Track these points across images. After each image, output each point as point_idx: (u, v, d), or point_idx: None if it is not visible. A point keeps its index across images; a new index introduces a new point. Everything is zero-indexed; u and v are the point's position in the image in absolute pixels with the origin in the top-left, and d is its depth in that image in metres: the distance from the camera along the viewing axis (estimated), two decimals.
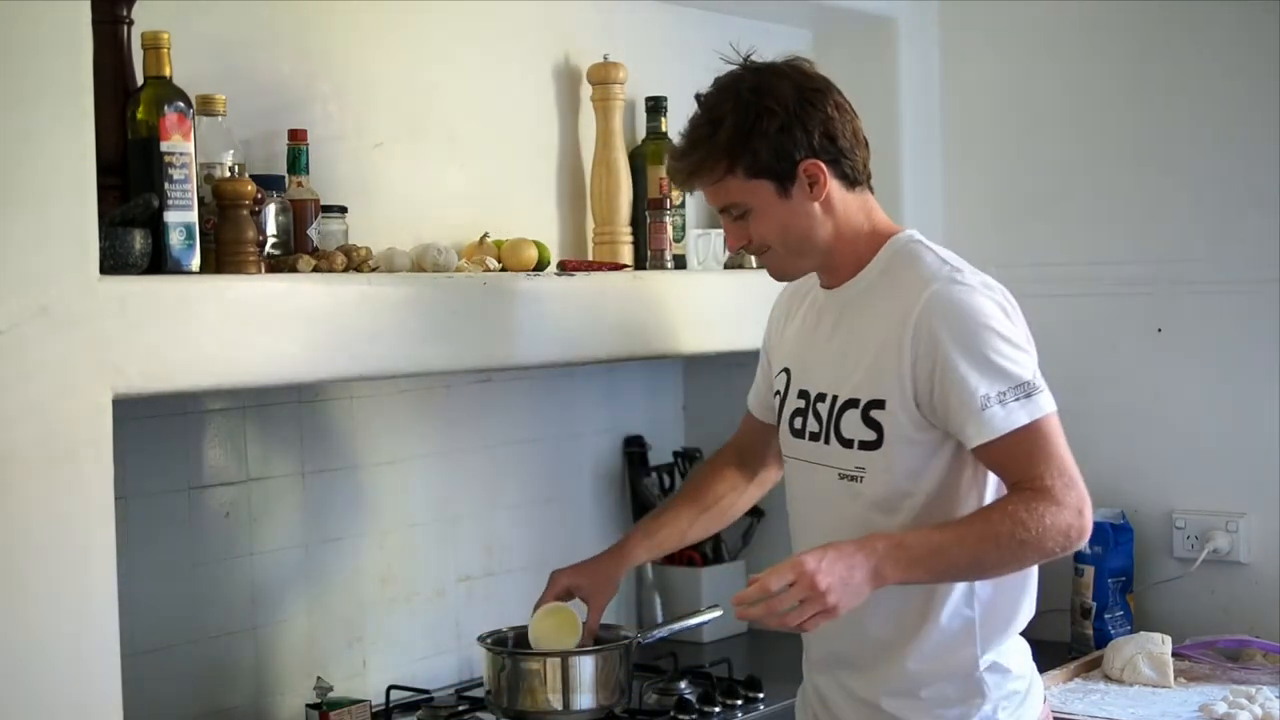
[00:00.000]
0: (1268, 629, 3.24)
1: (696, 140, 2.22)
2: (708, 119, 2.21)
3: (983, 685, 2.22)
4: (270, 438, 2.69)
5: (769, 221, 2.22)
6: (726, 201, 2.24)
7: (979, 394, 2.10)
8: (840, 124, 2.22)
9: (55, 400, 1.90)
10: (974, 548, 2.10)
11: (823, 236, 2.23)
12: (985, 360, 2.11)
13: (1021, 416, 2.11)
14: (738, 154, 2.18)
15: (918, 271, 2.20)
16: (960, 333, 2.12)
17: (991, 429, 2.10)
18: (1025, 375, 2.13)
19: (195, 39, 2.33)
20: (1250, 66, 3.28)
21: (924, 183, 3.62)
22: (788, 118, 2.17)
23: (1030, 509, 2.08)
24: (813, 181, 2.20)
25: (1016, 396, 2.11)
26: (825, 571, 2.00)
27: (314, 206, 2.43)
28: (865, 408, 2.18)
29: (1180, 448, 3.39)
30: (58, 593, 1.90)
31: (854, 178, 2.25)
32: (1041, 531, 2.07)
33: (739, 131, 2.18)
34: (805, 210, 2.21)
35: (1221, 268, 3.33)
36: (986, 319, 2.14)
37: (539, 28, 2.96)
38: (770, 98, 2.18)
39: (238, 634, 2.64)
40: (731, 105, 2.19)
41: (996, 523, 2.09)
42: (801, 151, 2.18)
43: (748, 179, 2.19)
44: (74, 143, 1.92)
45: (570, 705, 2.59)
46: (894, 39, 3.55)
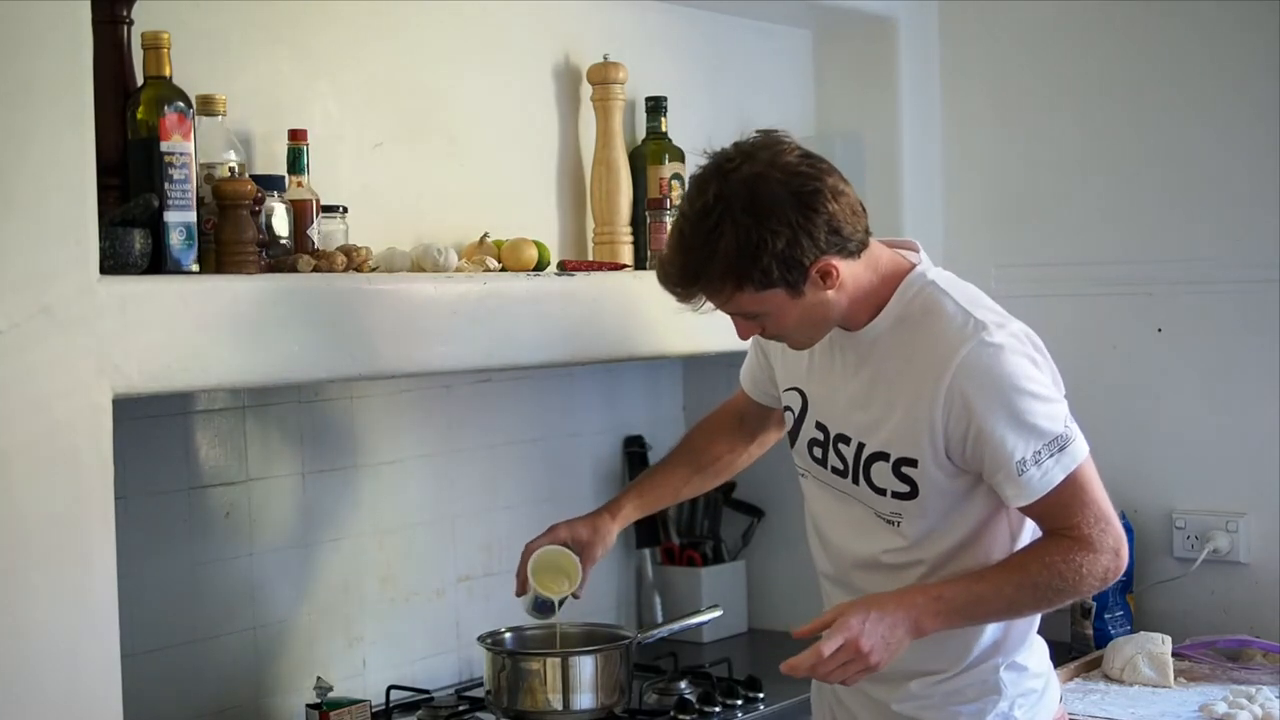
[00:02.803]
0: (1268, 629, 3.24)
1: (695, 268, 2.08)
2: (704, 242, 2.06)
3: (1000, 683, 2.23)
4: (270, 438, 2.69)
5: (782, 319, 2.15)
6: (735, 310, 2.15)
7: (1014, 459, 2.10)
8: (842, 214, 2.09)
9: (55, 400, 1.90)
10: (1011, 597, 2.13)
11: (837, 312, 2.17)
12: (1020, 422, 2.10)
13: (1057, 474, 2.11)
14: (745, 275, 2.06)
15: (942, 327, 2.15)
16: (993, 399, 2.10)
17: (1030, 491, 2.11)
18: (1057, 429, 2.12)
19: (195, 39, 2.33)
20: (1250, 66, 3.29)
21: (924, 183, 3.62)
22: (792, 233, 2.05)
23: (1068, 559, 2.11)
24: (825, 276, 2.10)
25: (1051, 453, 2.11)
26: (869, 634, 2.04)
27: (314, 206, 2.43)
28: (896, 463, 2.16)
29: (1180, 448, 3.39)
30: (58, 593, 1.90)
31: (859, 250, 2.14)
32: (1078, 579, 2.12)
33: (743, 254, 2.04)
34: (819, 300, 2.13)
35: (1221, 268, 3.33)
36: (1019, 380, 2.12)
37: (539, 28, 2.96)
38: (770, 219, 2.04)
39: (238, 634, 2.64)
40: (729, 228, 2.04)
41: (1035, 573, 2.12)
42: (810, 256, 2.07)
43: (758, 292, 2.09)
44: (74, 143, 1.92)
45: (570, 705, 2.60)
46: (894, 39, 3.55)
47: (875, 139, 3.56)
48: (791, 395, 2.33)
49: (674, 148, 3.09)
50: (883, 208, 3.55)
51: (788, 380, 2.35)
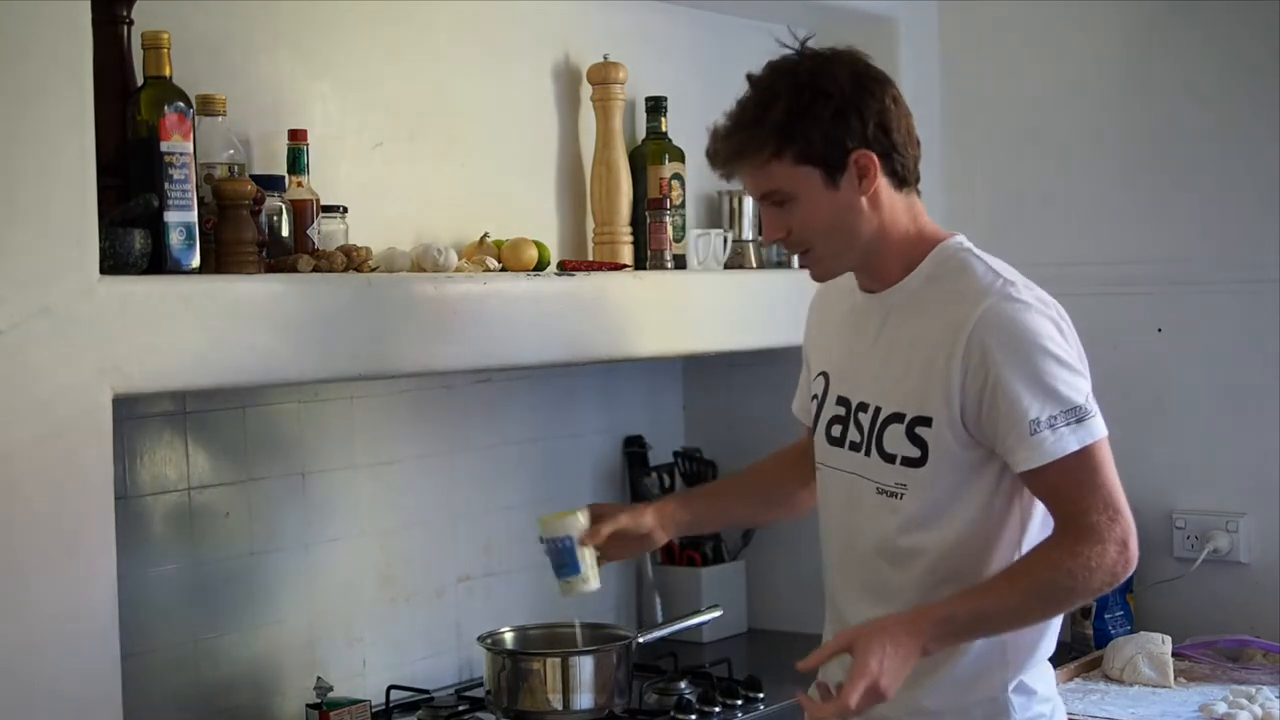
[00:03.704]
0: (1268, 629, 3.24)
1: (745, 120, 2.11)
2: (759, 99, 2.10)
3: (1009, 706, 2.16)
4: (270, 438, 2.69)
5: (812, 212, 2.11)
6: (769, 187, 2.12)
7: (1029, 417, 2.04)
8: (896, 118, 2.12)
9: (55, 400, 1.90)
10: (1020, 606, 2.08)
11: (866, 233, 2.13)
12: (1038, 382, 2.05)
13: (1071, 442, 2.06)
14: (788, 136, 2.07)
15: (969, 283, 2.12)
16: (1014, 352, 2.06)
17: (1041, 454, 2.05)
18: (1078, 399, 2.07)
19: (195, 39, 2.33)
20: (1250, 66, 3.29)
21: (924, 183, 3.60)
22: (843, 103, 2.07)
23: (1075, 555, 2.05)
24: (863, 174, 2.09)
25: (1068, 421, 2.06)
26: (886, 673, 1.99)
27: (314, 206, 2.43)
28: (910, 424, 2.11)
29: (1180, 448, 3.39)
30: (58, 593, 1.90)
31: (904, 176, 2.15)
32: (1087, 576, 2.05)
33: (791, 113, 2.07)
34: (851, 203, 2.11)
35: (1221, 268, 3.33)
36: (1041, 339, 2.07)
37: (539, 28, 2.96)
38: (828, 80, 2.08)
39: (238, 634, 2.64)
40: (786, 86, 2.09)
41: (1040, 575, 2.06)
42: (854, 140, 2.08)
43: (795, 164, 2.08)
44: (74, 143, 1.92)
45: (570, 705, 2.60)
46: (894, 39, 3.54)
47: None
48: (818, 382, 2.29)
49: (674, 148, 3.09)
50: None
51: (816, 367, 2.31)
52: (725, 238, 3.14)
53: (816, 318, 2.38)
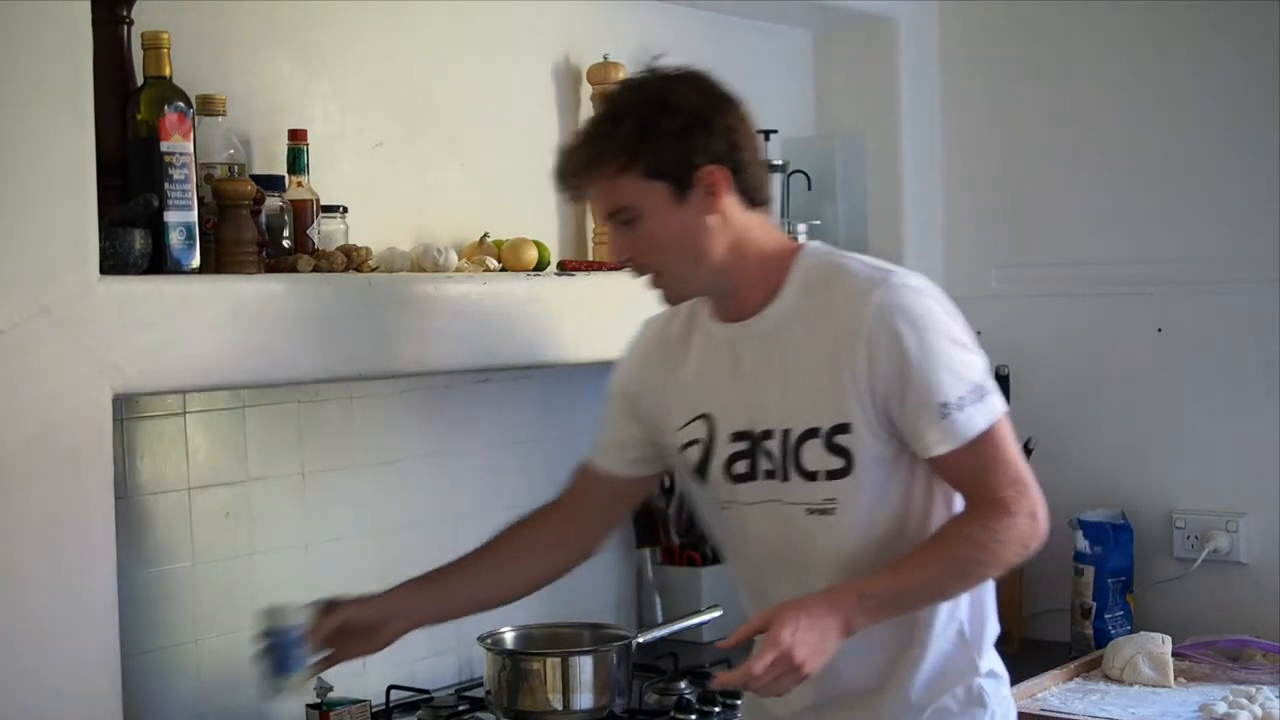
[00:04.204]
0: (1268, 629, 3.23)
1: (594, 135, 2.09)
2: (608, 114, 2.10)
3: (983, 693, 2.18)
4: (270, 438, 2.69)
5: (661, 230, 2.07)
6: (617, 204, 2.08)
7: (938, 400, 2.03)
8: (745, 136, 2.11)
9: (55, 400, 1.90)
10: (937, 578, 2.07)
11: (717, 252, 2.09)
12: (943, 365, 2.04)
13: (979, 422, 2.05)
14: (637, 151, 2.04)
15: (849, 283, 2.09)
16: (915, 339, 2.04)
17: (953, 437, 2.04)
18: (978, 377, 2.07)
19: (195, 39, 2.33)
20: (1250, 67, 3.29)
21: (924, 183, 3.62)
22: (692, 119, 2.05)
23: (986, 528, 2.04)
24: (711, 190, 2.06)
25: (973, 400, 2.05)
26: (800, 643, 1.96)
27: (314, 206, 2.43)
28: (829, 434, 2.07)
29: (1180, 448, 3.39)
30: (58, 593, 1.90)
31: (753, 195, 2.12)
32: (999, 548, 2.05)
33: (640, 127, 2.04)
34: (700, 221, 2.07)
35: (1221, 268, 3.33)
36: (937, 321, 2.06)
37: (539, 28, 2.96)
38: (677, 96, 2.07)
39: (238, 634, 2.63)
40: (635, 101, 2.08)
41: (957, 549, 2.06)
42: (702, 156, 2.05)
43: (644, 179, 2.05)
44: (74, 143, 1.92)
45: (570, 705, 2.60)
46: (894, 39, 3.55)
47: (875, 139, 3.56)
48: (695, 427, 2.18)
49: None
50: (883, 208, 3.56)
51: (687, 412, 2.19)
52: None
53: (656, 360, 2.25)
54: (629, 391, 2.29)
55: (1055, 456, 3.45)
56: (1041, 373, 3.52)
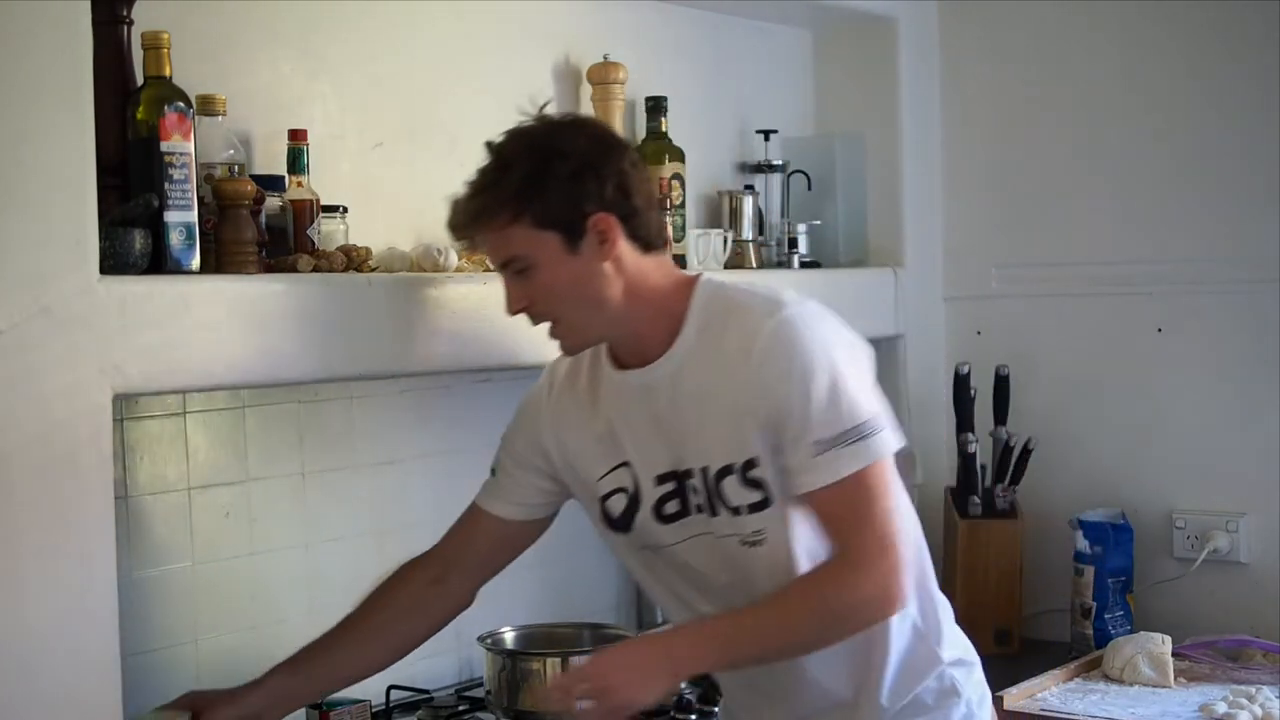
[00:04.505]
0: (1268, 629, 3.24)
1: (483, 185, 2.06)
2: (497, 164, 2.07)
3: (955, 683, 2.18)
4: (270, 438, 2.69)
5: (554, 279, 2.05)
6: (509, 254, 2.06)
7: (810, 438, 2.00)
8: (636, 181, 2.08)
9: (55, 400, 1.90)
10: (781, 628, 2.03)
11: (613, 299, 2.07)
12: (824, 400, 2.00)
13: (850, 464, 2.00)
14: (526, 200, 2.02)
15: (743, 316, 2.06)
16: (799, 370, 2.00)
17: (818, 475, 2.01)
18: (861, 416, 2.01)
19: (195, 39, 2.33)
20: (1250, 66, 3.29)
21: (924, 183, 3.62)
22: (581, 165, 2.03)
23: (832, 582, 2.02)
24: (603, 238, 2.04)
25: (849, 440, 1.99)
26: (614, 668, 1.97)
27: (314, 206, 2.43)
28: (742, 470, 2.06)
29: (1180, 448, 3.39)
30: (58, 593, 1.90)
31: (648, 239, 2.09)
32: (840, 606, 2.01)
33: (529, 176, 2.03)
34: (594, 269, 2.05)
35: (1221, 268, 3.33)
36: (825, 355, 2.02)
37: (539, 28, 2.96)
38: (565, 143, 2.05)
39: (238, 634, 2.64)
40: (523, 149, 2.06)
41: (798, 603, 2.03)
42: (593, 203, 2.03)
43: (535, 229, 2.03)
44: (74, 143, 1.92)
45: None
46: (894, 39, 3.55)
47: (875, 139, 3.56)
48: (617, 476, 2.17)
49: (674, 148, 3.08)
50: (883, 208, 3.56)
51: (606, 463, 2.18)
52: (725, 238, 3.14)
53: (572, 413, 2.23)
54: (537, 443, 2.26)
55: (1055, 456, 3.46)
56: (1041, 373, 3.52)
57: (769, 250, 3.35)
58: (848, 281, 3.43)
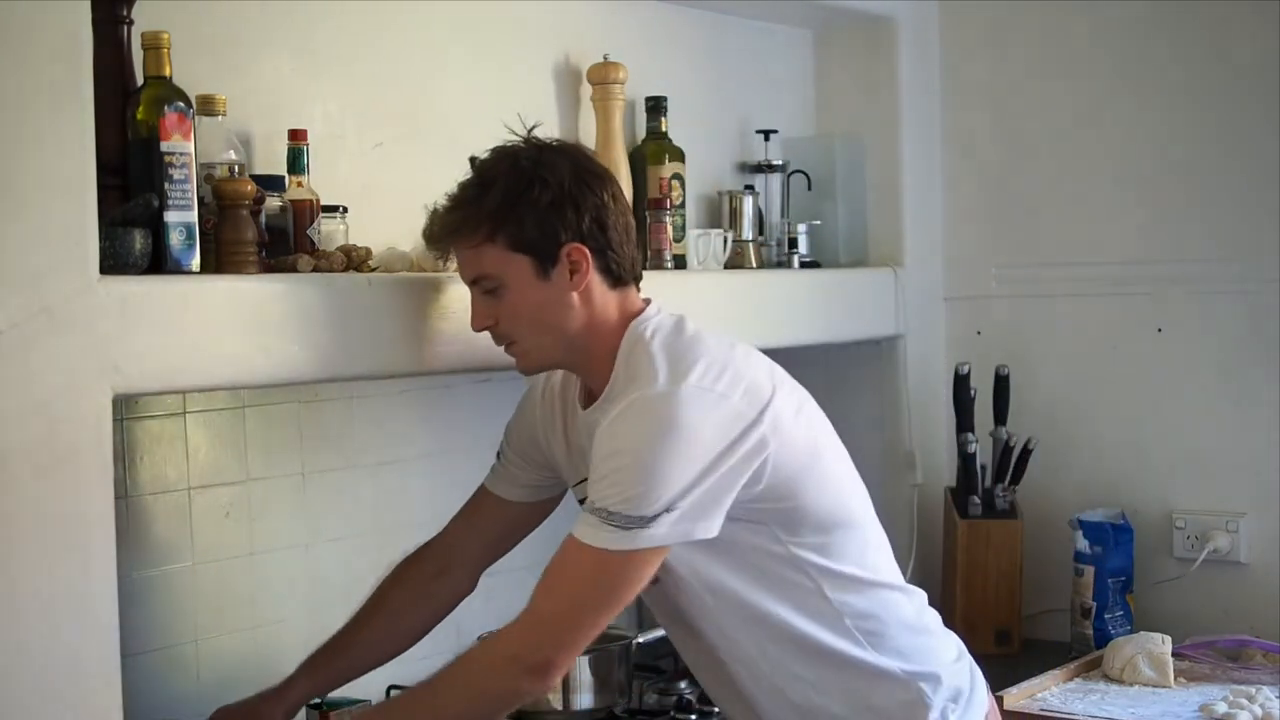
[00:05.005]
0: (1268, 629, 3.24)
1: (462, 200, 2.10)
2: (478, 181, 2.10)
3: (921, 694, 2.16)
4: (270, 438, 2.69)
5: (521, 302, 2.09)
6: (479, 272, 2.11)
7: (593, 493, 2.00)
8: (614, 215, 2.11)
9: (55, 400, 1.90)
10: (424, 705, 2.10)
11: (573, 329, 2.11)
12: (617, 474, 1.98)
13: (594, 537, 1.98)
14: (502, 221, 2.06)
15: (634, 380, 2.06)
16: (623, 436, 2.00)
17: (574, 525, 2.02)
18: (640, 510, 1.96)
19: (195, 39, 2.33)
20: (1250, 66, 3.29)
21: (924, 183, 3.62)
22: (561, 195, 2.06)
23: (488, 650, 2.11)
24: (574, 268, 2.08)
25: (614, 523, 1.97)
26: None
27: (314, 206, 2.43)
28: None
29: (1180, 448, 3.39)
30: (58, 593, 1.90)
31: (618, 275, 2.13)
32: (482, 677, 2.06)
33: (508, 198, 2.06)
34: (561, 298, 2.09)
35: (1221, 268, 3.34)
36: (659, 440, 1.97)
37: (539, 28, 2.96)
38: (548, 170, 2.07)
39: (238, 634, 2.64)
40: (505, 170, 2.09)
41: (442, 679, 2.10)
42: (568, 234, 2.07)
43: (508, 250, 2.07)
44: (74, 143, 1.92)
45: (570, 705, 2.60)
46: (894, 39, 3.55)
47: (875, 139, 3.56)
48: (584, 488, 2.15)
49: (674, 148, 3.09)
50: (883, 208, 3.56)
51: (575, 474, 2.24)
52: (725, 238, 3.14)
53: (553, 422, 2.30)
54: (532, 437, 2.34)
55: (1055, 456, 3.46)
56: (1041, 373, 3.52)
57: (769, 250, 3.35)
58: (848, 281, 3.43)
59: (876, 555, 2.22)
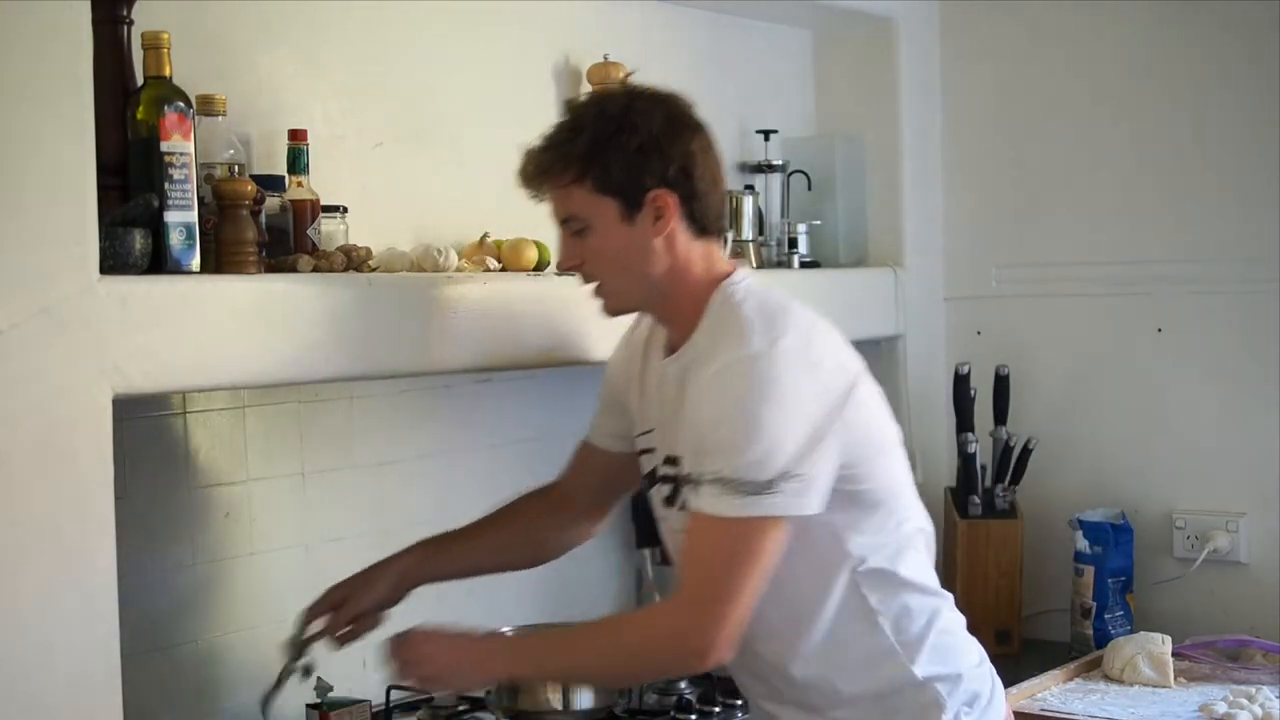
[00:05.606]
0: (1268, 629, 3.24)
1: (553, 142, 2.13)
2: (571, 124, 2.14)
3: (937, 696, 2.15)
4: (270, 438, 2.69)
5: (605, 245, 2.11)
6: (568, 212, 2.14)
7: (712, 466, 2.00)
8: (703, 165, 2.12)
9: (55, 400, 1.90)
10: (581, 658, 2.12)
11: (655, 275, 2.12)
12: (738, 442, 1.98)
13: (730, 509, 1.99)
14: (590, 163, 2.09)
15: (728, 337, 2.07)
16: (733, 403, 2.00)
17: (700, 502, 2.02)
18: (766, 474, 1.98)
19: (195, 39, 2.33)
20: (1250, 67, 3.29)
21: (924, 183, 3.62)
22: (649, 141, 2.08)
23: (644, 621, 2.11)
24: (659, 214, 2.09)
25: (744, 490, 1.98)
26: (440, 655, 2.13)
27: (314, 206, 2.43)
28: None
29: (1180, 448, 3.39)
30: (58, 593, 1.90)
31: (704, 224, 2.14)
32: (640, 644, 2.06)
33: (596, 142, 2.09)
34: (644, 242, 2.10)
35: (1221, 268, 3.34)
36: (770, 401, 1.99)
37: (539, 28, 2.96)
38: (638, 116, 2.10)
39: (238, 634, 2.64)
40: (596, 115, 2.12)
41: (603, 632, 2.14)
42: (654, 179, 2.09)
43: (595, 193, 2.10)
44: (74, 143, 1.92)
45: (570, 705, 2.60)
46: (894, 39, 3.55)
47: (875, 139, 3.56)
48: (650, 437, 2.23)
49: None
50: (883, 208, 3.56)
51: (644, 423, 2.25)
52: (725, 237, 3.13)
53: (635, 367, 2.31)
54: (613, 380, 2.39)
55: (1055, 456, 3.46)
56: (1041, 373, 3.52)
57: (769, 250, 3.35)
58: (848, 281, 3.43)
59: (920, 557, 2.22)
